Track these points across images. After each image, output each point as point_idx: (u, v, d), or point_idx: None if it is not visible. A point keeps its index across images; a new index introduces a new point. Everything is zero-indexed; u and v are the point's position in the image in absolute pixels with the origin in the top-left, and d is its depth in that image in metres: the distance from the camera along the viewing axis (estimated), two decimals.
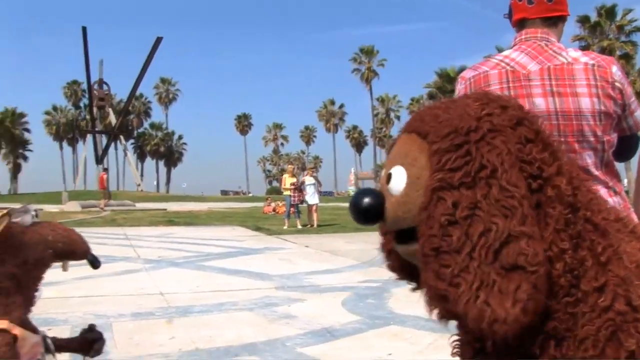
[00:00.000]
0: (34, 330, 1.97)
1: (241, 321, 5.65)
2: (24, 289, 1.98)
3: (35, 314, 5.70)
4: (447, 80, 63.84)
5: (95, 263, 2.17)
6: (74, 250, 2.07)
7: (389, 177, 1.19)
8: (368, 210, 1.19)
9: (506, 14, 2.36)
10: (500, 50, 2.56)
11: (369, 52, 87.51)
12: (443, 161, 1.09)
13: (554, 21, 2.23)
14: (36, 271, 2.04)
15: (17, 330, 1.86)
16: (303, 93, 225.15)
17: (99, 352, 2.20)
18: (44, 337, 2.01)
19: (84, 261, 2.17)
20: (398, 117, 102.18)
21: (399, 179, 1.17)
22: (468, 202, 1.04)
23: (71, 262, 2.18)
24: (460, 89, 2.28)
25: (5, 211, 1.92)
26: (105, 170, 32.86)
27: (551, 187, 1.09)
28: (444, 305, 1.06)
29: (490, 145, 1.07)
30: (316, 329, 5.37)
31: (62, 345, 2.13)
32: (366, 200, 1.19)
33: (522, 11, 2.25)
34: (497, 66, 2.18)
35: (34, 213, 1.98)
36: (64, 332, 5.13)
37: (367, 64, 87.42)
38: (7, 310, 1.88)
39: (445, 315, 1.08)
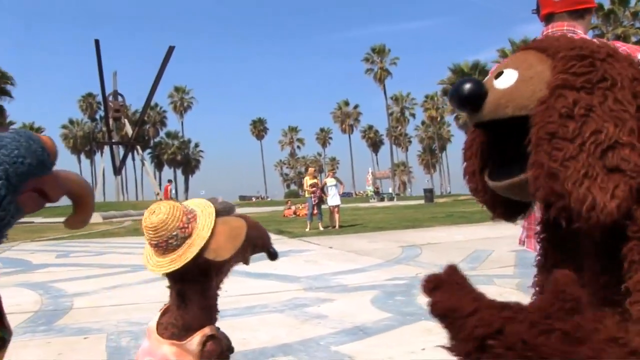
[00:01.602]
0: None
1: (273, 323, 5.70)
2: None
3: (70, 324, 5.80)
4: (460, 75, 63.52)
5: (275, 254, 2.10)
6: (265, 244, 2.01)
7: (499, 74, 1.26)
8: (470, 95, 1.24)
9: (534, 9, 2.40)
10: (512, 43, 2.61)
11: (380, 52, 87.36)
12: (568, 65, 1.18)
13: (581, 14, 2.27)
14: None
15: (220, 334, 1.86)
16: (317, 95, 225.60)
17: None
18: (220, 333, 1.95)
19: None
20: (413, 115, 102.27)
21: (509, 77, 1.24)
22: (585, 104, 1.14)
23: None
24: None
25: (212, 206, 1.85)
26: (170, 181, 33.51)
27: None
28: (551, 184, 1.13)
29: (612, 64, 1.18)
30: (348, 327, 5.40)
31: None
32: (468, 86, 1.24)
33: (549, 6, 2.29)
34: None
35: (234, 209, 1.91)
36: (100, 341, 5.24)
37: (379, 64, 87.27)
38: (209, 316, 1.86)
39: (549, 195, 1.15)
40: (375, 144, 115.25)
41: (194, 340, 1.79)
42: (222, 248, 1.76)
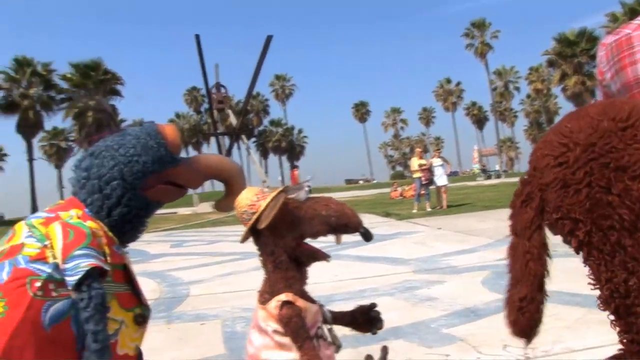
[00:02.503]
0: (312, 301, 2.12)
1: (384, 306, 5.64)
2: (300, 263, 2.14)
3: (187, 310, 6.05)
4: (566, 44, 60.77)
5: (367, 235, 2.22)
6: (346, 223, 2.13)
7: None
8: None
9: None
10: (624, 4, 2.48)
11: (480, 26, 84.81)
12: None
13: None
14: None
15: (300, 302, 2.03)
16: (418, 75, 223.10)
17: (378, 328, 2.36)
18: (321, 307, 2.17)
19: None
20: (517, 89, 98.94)
21: None
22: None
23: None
24: (601, 55, 2.21)
25: (281, 188, 2.11)
26: (297, 167, 33.73)
27: (574, 240, 1.46)
28: None
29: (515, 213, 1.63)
30: (459, 309, 5.37)
31: (336, 317, 2.26)
32: None
33: None
34: (639, 27, 2.10)
35: (307, 189, 2.13)
36: (216, 327, 5.43)
37: (480, 38, 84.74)
38: (288, 284, 2.07)
39: None
40: (479, 121, 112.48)
41: (271, 305, 2.03)
42: (265, 216, 2.01)
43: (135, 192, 2.10)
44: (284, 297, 2.02)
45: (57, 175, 73.11)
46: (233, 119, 62.89)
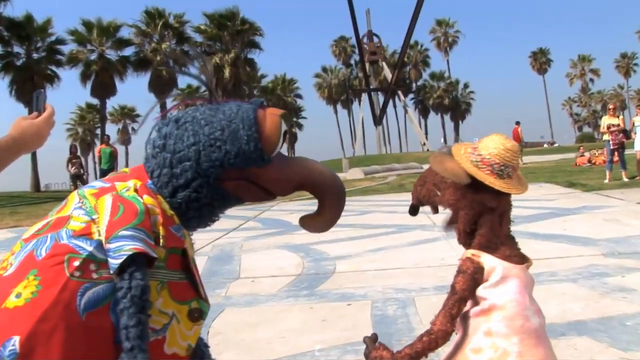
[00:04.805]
0: None
1: (563, 294, 5.50)
2: None
3: (332, 289, 6.13)
4: None
5: None
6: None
7: None
8: None
9: None
10: None
11: None
12: None
13: None
14: None
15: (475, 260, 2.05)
16: (613, 14, 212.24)
17: None
18: None
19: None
20: None
21: None
22: None
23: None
24: None
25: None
26: (518, 123, 33.16)
27: None
28: None
29: None
30: None
31: None
32: None
33: None
34: None
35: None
36: (365, 308, 5.46)
37: None
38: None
39: None
40: None
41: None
42: None
43: (208, 180, 2.03)
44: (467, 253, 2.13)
45: None
46: (387, 73, 63.16)
